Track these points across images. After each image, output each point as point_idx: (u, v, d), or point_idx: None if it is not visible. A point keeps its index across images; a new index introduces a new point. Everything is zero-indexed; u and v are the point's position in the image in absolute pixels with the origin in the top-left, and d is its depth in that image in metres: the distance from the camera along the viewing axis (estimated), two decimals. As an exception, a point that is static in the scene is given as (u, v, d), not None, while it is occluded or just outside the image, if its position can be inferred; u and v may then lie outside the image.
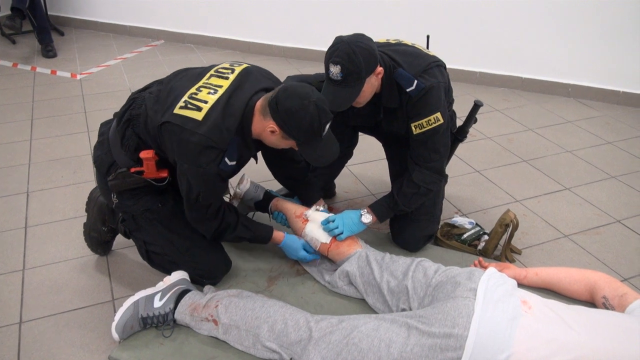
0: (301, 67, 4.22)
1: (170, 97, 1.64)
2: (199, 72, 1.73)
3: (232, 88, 1.65)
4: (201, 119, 1.56)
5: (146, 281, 1.95)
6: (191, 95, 1.63)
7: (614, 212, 2.44)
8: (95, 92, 3.77)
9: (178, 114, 1.58)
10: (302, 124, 1.57)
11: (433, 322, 1.44)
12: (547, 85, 3.74)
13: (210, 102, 1.60)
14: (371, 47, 1.71)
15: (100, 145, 1.83)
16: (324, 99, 1.62)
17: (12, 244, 2.21)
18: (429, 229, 2.10)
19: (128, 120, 1.73)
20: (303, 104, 1.55)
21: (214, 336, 1.67)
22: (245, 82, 1.68)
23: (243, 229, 1.84)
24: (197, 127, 1.55)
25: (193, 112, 1.58)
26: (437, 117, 1.83)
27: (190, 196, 1.66)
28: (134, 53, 4.60)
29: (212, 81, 1.67)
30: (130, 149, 1.72)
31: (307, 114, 1.55)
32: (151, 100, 1.69)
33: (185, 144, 1.57)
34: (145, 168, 1.71)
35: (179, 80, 1.71)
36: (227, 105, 1.61)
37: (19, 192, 2.58)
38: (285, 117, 1.56)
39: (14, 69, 4.20)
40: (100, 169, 1.80)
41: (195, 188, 1.64)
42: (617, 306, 1.63)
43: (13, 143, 3.05)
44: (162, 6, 4.74)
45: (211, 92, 1.63)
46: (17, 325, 1.82)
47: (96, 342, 1.74)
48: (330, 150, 1.69)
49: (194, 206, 1.70)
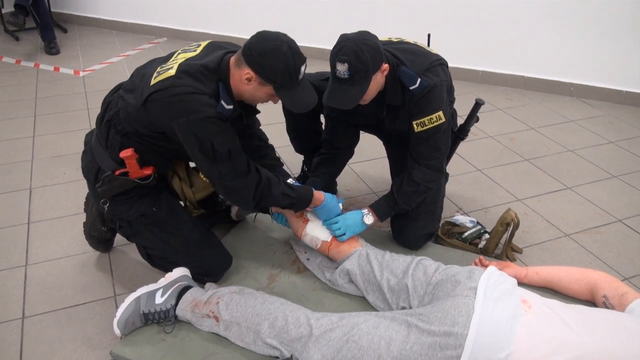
0: (304, 65, 4.22)
1: (144, 80, 1.63)
2: (166, 56, 1.73)
3: (202, 54, 1.66)
4: (174, 73, 1.55)
5: (148, 277, 1.96)
6: (161, 67, 1.63)
7: (616, 212, 2.44)
8: (98, 89, 3.78)
9: (154, 83, 1.57)
10: (277, 65, 1.55)
11: (433, 321, 1.45)
12: (549, 84, 3.74)
13: (180, 60, 1.60)
14: (377, 44, 1.71)
15: (85, 155, 1.83)
16: (294, 42, 1.61)
17: (14, 240, 2.22)
18: (429, 227, 2.10)
19: (108, 122, 1.72)
20: (276, 45, 1.55)
21: (215, 332, 1.68)
22: (214, 49, 1.69)
23: (285, 186, 1.77)
24: (175, 82, 1.54)
25: (166, 73, 1.57)
26: (439, 116, 1.83)
27: (207, 152, 1.58)
28: (136, 50, 4.60)
29: (180, 56, 1.66)
30: (114, 149, 1.71)
31: (281, 54, 1.55)
32: (125, 93, 1.68)
33: (172, 101, 1.54)
34: (129, 168, 1.69)
35: (148, 68, 1.70)
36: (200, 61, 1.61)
37: (22, 188, 2.59)
38: (259, 60, 1.55)
39: (18, 66, 4.22)
40: (89, 177, 1.80)
41: (205, 139, 1.57)
42: (617, 305, 1.63)
43: (16, 139, 3.06)
44: (165, 4, 4.75)
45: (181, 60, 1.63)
46: (19, 320, 1.83)
47: (98, 337, 1.76)
48: (309, 96, 1.68)
49: (216, 163, 1.61)
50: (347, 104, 1.75)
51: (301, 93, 1.66)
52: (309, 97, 1.69)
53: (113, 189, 1.73)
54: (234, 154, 1.63)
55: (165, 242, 1.83)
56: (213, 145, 1.58)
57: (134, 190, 1.76)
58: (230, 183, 1.65)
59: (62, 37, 4.86)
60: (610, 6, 3.32)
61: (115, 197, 1.76)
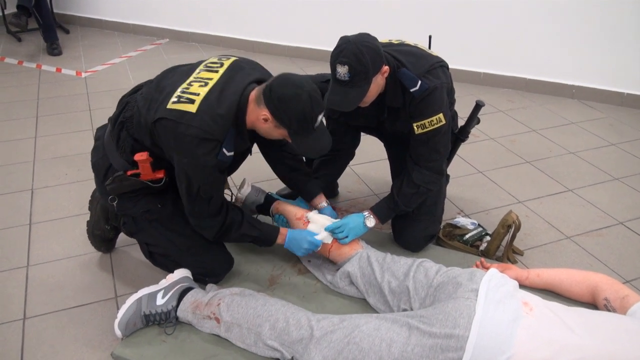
0: (305, 67, 4.23)
1: (162, 95, 1.64)
2: (188, 69, 1.73)
3: (224, 80, 1.65)
4: (195, 111, 1.56)
5: (149, 279, 1.96)
6: (183, 90, 1.62)
7: (617, 214, 2.44)
8: (100, 90, 3.79)
9: (171, 108, 1.58)
10: (295, 113, 1.56)
11: (434, 323, 1.45)
12: (551, 86, 3.74)
13: (203, 94, 1.60)
14: (377, 46, 1.72)
15: (96, 150, 1.84)
16: (318, 89, 1.61)
17: (16, 241, 2.23)
18: (430, 229, 2.10)
19: (121, 123, 1.73)
20: (296, 93, 1.55)
21: (216, 334, 1.68)
22: (235, 74, 1.68)
23: (248, 226, 1.82)
24: (191, 120, 1.55)
25: (186, 105, 1.57)
26: (440, 118, 1.83)
27: (191, 191, 1.65)
28: (138, 51, 4.61)
29: (202, 75, 1.67)
30: (125, 151, 1.73)
31: (300, 103, 1.55)
32: (142, 100, 1.69)
33: (181, 138, 1.56)
34: (141, 170, 1.71)
35: (169, 79, 1.71)
36: (220, 96, 1.60)
37: (24, 189, 2.60)
38: (278, 105, 1.56)
39: (20, 67, 4.22)
40: (98, 173, 1.81)
41: (194, 182, 1.63)
42: (618, 308, 1.63)
43: (18, 140, 3.07)
44: (167, 5, 4.76)
45: (202, 85, 1.62)
46: (20, 321, 1.83)
47: (99, 338, 1.76)
48: (322, 143, 1.68)
49: (195, 202, 1.68)
50: (347, 106, 1.75)
51: (315, 139, 1.65)
52: (323, 143, 1.68)
53: (122, 188, 1.75)
54: (213, 201, 1.71)
55: (168, 240, 1.84)
56: (199, 189, 1.65)
57: (141, 189, 1.77)
58: (198, 220, 1.75)
59: (65, 38, 4.87)
60: (612, 8, 3.32)
61: (121, 194, 1.77)
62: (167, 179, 1.75)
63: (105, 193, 1.80)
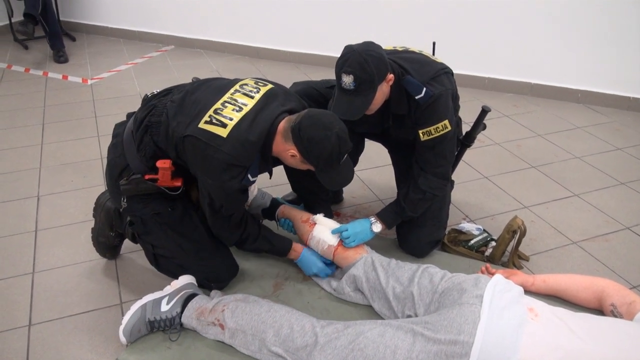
0: (309, 72, 4.24)
1: (195, 110, 1.65)
2: (223, 84, 1.74)
3: (258, 107, 1.66)
4: (226, 136, 1.57)
5: (154, 285, 1.96)
6: (216, 110, 1.63)
7: (623, 219, 2.42)
8: (106, 96, 3.81)
9: (203, 128, 1.59)
10: (323, 154, 1.59)
11: (439, 329, 1.44)
12: (556, 91, 3.72)
13: (235, 120, 1.61)
14: (381, 54, 1.72)
15: (114, 148, 1.84)
16: (345, 129, 1.63)
17: (22, 247, 2.24)
18: (435, 234, 2.10)
19: (147, 127, 1.73)
20: (326, 135, 1.57)
21: (220, 340, 1.68)
22: (270, 103, 1.69)
23: (263, 241, 1.89)
24: (221, 145, 1.56)
25: (218, 129, 1.58)
26: (445, 125, 1.84)
27: (214, 207, 1.71)
28: (144, 58, 4.64)
29: (237, 97, 1.68)
30: (146, 155, 1.73)
31: (329, 145, 1.58)
32: (173, 109, 1.69)
33: (209, 160, 1.58)
34: (160, 176, 1.72)
35: (203, 92, 1.71)
36: (252, 124, 1.62)
37: (30, 195, 2.61)
38: (307, 145, 1.58)
39: (27, 74, 4.26)
40: (113, 171, 1.82)
41: (217, 201, 1.68)
42: (625, 314, 1.61)
43: (24, 147, 3.09)
44: (172, 12, 4.78)
45: (236, 110, 1.63)
46: (26, 327, 1.84)
47: (104, 345, 1.76)
48: (346, 176, 1.73)
49: (217, 216, 1.74)
50: (353, 114, 1.76)
51: (339, 173, 1.70)
52: (346, 176, 1.73)
53: (137, 191, 1.76)
54: (235, 216, 1.78)
55: (176, 243, 1.84)
56: (221, 207, 1.71)
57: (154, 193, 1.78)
58: (219, 231, 1.83)
59: (71, 45, 4.91)
60: (618, 12, 3.31)
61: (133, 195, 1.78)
62: (184, 188, 1.77)
63: (116, 192, 1.80)
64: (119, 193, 1.80)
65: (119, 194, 1.80)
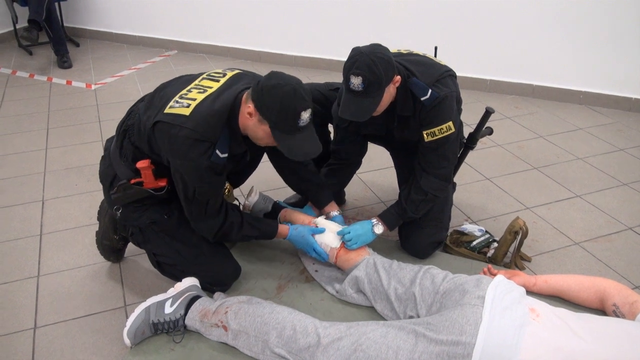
0: (312, 76, 4.25)
1: (162, 101, 1.67)
2: (191, 77, 1.77)
3: (223, 88, 1.68)
4: (188, 114, 1.59)
5: (157, 288, 1.98)
6: (181, 95, 1.66)
7: (625, 220, 2.43)
8: (110, 101, 3.83)
9: (167, 112, 1.61)
10: (274, 103, 1.55)
11: (441, 330, 1.45)
12: (558, 92, 3.73)
13: (199, 99, 1.63)
14: (389, 56, 1.74)
15: (103, 160, 1.88)
16: (308, 89, 1.62)
17: (27, 251, 2.25)
18: (437, 235, 2.10)
19: (124, 131, 1.77)
20: (279, 83, 1.56)
21: (223, 342, 1.69)
22: (235, 83, 1.71)
23: (249, 227, 1.85)
24: (185, 122, 1.58)
25: (181, 109, 1.60)
26: (449, 126, 1.85)
27: (187, 193, 1.68)
28: (147, 63, 4.66)
29: (203, 83, 1.71)
30: (128, 159, 1.76)
31: (280, 92, 1.54)
32: (143, 107, 1.72)
33: (174, 140, 1.59)
34: (144, 178, 1.73)
35: (171, 87, 1.74)
36: (215, 100, 1.63)
37: (35, 200, 2.63)
38: (260, 95, 1.56)
39: (31, 80, 4.29)
40: (104, 183, 1.84)
41: (190, 184, 1.65)
42: (627, 314, 1.62)
43: (29, 152, 3.11)
44: (175, 17, 4.81)
45: (200, 92, 1.66)
46: (31, 330, 1.85)
47: (108, 347, 1.77)
48: (309, 146, 1.65)
49: (192, 204, 1.71)
50: (361, 116, 1.77)
51: (300, 141, 1.62)
52: (310, 148, 1.65)
53: (127, 197, 1.78)
54: (211, 202, 1.73)
55: (175, 250, 1.86)
56: (195, 191, 1.67)
57: (146, 199, 1.79)
58: (197, 222, 1.77)
59: (75, 51, 4.94)
60: (619, 14, 3.31)
61: (128, 204, 1.80)
62: (169, 187, 1.77)
63: (111, 203, 1.83)
64: (112, 203, 1.82)
65: (112, 204, 1.82)
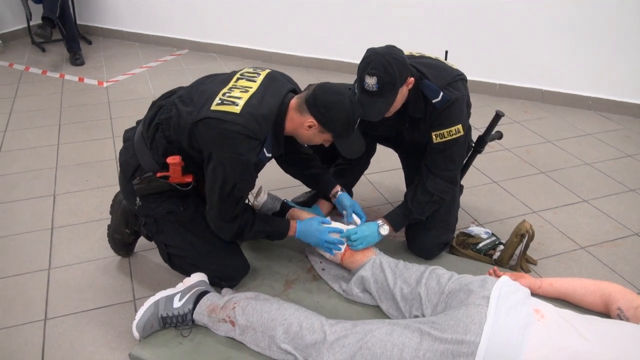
0: (322, 77, 4.27)
1: (203, 98, 1.71)
2: (226, 77, 1.82)
3: (263, 88, 1.74)
4: (239, 112, 1.64)
5: (166, 282, 2.01)
6: (224, 94, 1.71)
7: (632, 225, 2.43)
8: (121, 99, 3.87)
9: (215, 109, 1.65)
10: (340, 117, 1.68)
11: (445, 328, 1.46)
12: (567, 97, 3.73)
13: (245, 98, 1.68)
14: (403, 58, 1.76)
15: (126, 150, 1.89)
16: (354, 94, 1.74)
17: (38, 245, 2.29)
18: (443, 237, 2.12)
19: (157, 125, 1.78)
20: (339, 99, 1.68)
21: (230, 337, 1.71)
22: (273, 84, 1.78)
23: (261, 223, 1.88)
24: (236, 119, 1.62)
25: (230, 107, 1.65)
26: (459, 129, 1.87)
27: (224, 190, 1.69)
28: (158, 62, 4.70)
29: (241, 83, 1.76)
30: (158, 152, 1.78)
31: (344, 107, 1.68)
32: (181, 103, 1.75)
33: (226, 135, 1.62)
34: (171, 173, 1.76)
35: (208, 84, 1.79)
36: (261, 100, 1.69)
37: (46, 194, 2.67)
38: (323, 111, 1.67)
39: (44, 76, 4.33)
40: (126, 172, 1.86)
41: (231, 179, 1.67)
42: (632, 317, 1.62)
43: (41, 147, 3.15)
44: (187, 17, 4.85)
45: (243, 92, 1.71)
46: (42, 322, 1.88)
47: (117, 339, 1.80)
48: (360, 143, 1.80)
49: (225, 202, 1.72)
50: (375, 115, 1.80)
51: (354, 140, 1.78)
52: (360, 145, 1.81)
53: (150, 189, 1.80)
54: (241, 202, 1.78)
55: (188, 242, 1.88)
56: (234, 188, 1.69)
57: (167, 191, 1.82)
58: (220, 221, 1.79)
59: (87, 48, 4.99)
60: (629, 20, 3.31)
61: (147, 194, 1.82)
62: (194, 184, 1.81)
63: (130, 192, 1.85)
64: (132, 193, 1.84)
65: (132, 193, 1.84)
